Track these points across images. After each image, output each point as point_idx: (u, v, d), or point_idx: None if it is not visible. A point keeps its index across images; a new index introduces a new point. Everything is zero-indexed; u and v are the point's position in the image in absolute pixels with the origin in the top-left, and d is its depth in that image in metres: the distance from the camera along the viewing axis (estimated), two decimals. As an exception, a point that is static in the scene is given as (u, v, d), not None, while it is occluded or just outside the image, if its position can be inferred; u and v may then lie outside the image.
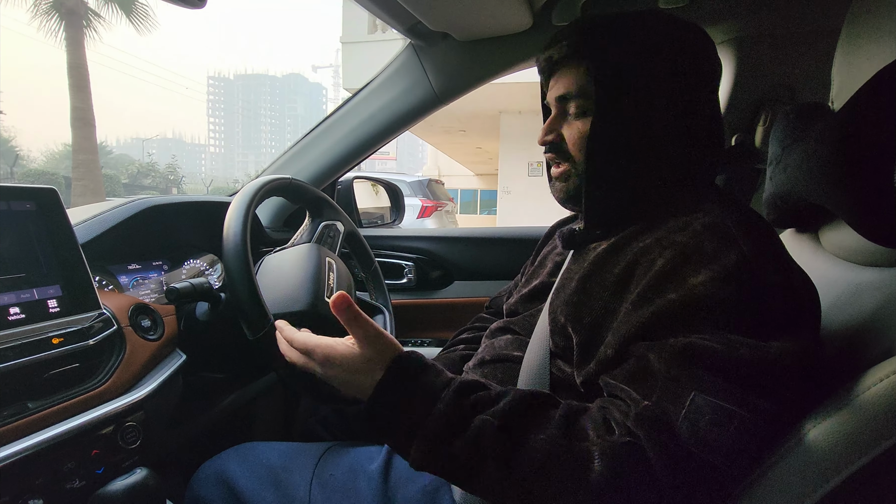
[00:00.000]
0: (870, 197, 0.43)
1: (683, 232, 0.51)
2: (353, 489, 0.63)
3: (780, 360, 0.42)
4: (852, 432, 0.38)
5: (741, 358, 0.43)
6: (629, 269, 0.53)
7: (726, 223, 0.49)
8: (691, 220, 0.52)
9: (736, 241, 0.48)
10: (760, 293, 0.45)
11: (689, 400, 0.43)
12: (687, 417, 0.42)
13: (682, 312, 0.46)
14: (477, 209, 19.73)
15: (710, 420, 0.42)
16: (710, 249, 0.48)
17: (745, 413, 0.42)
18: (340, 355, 0.51)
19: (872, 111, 0.42)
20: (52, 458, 0.52)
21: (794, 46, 0.96)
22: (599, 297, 0.55)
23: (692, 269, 0.48)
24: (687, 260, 0.48)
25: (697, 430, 0.42)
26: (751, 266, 0.46)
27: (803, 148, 0.52)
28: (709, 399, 0.42)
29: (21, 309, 0.53)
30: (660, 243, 0.52)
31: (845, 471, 0.38)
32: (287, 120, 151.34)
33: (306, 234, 0.92)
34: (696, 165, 0.59)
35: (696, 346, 0.44)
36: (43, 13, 11.25)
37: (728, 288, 0.45)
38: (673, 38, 0.57)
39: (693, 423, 0.42)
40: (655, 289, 0.49)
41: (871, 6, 0.50)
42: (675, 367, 0.45)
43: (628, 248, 0.55)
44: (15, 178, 17.60)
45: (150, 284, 0.90)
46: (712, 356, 0.43)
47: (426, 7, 0.92)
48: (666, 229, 0.53)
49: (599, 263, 0.57)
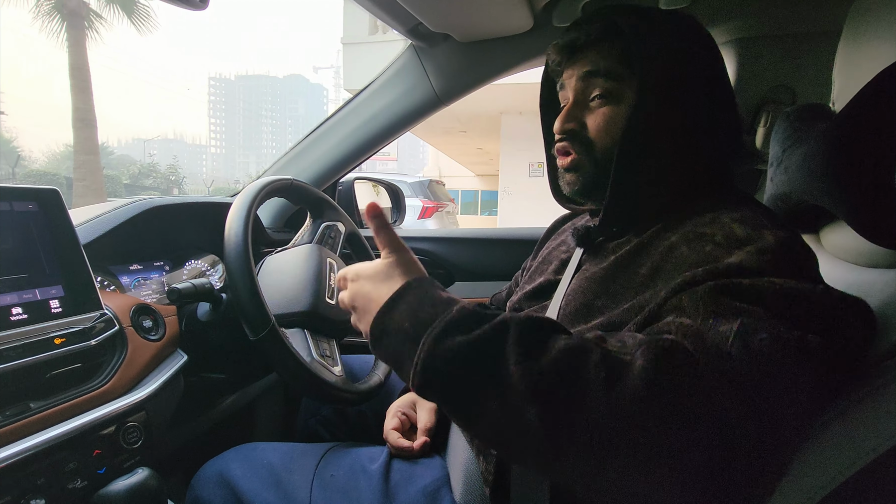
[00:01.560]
0: (871, 198, 0.43)
1: (712, 225, 0.49)
2: (353, 489, 0.63)
3: (827, 295, 0.40)
4: (859, 431, 0.38)
5: (786, 290, 0.39)
6: (657, 267, 0.50)
7: (757, 216, 0.48)
8: (718, 216, 0.49)
9: (769, 227, 0.46)
10: (799, 261, 0.44)
11: (737, 323, 0.37)
12: (739, 336, 0.37)
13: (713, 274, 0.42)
14: (478, 210, 19.72)
15: (766, 338, 0.36)
16: (744, 235, 0.46)
17: (798, 339, 0.37)
18: (369, 267, 0.50)
19: (873, 112, 0.42)
20: (53, 458, 0.52)
21: (795, 47, 0.96)
22: (625, 298, 0.51)
23: (725, 252, 0.45)
24: (719, 245, 0.46)
25: (749, 346, 0.36)
26: (788, 246, 0.44)
27: (804, 149, 0.52)
28: (760, 322, 0.37)
29: (23, 309, 0.53)
30: (686, 237, 0.49)
31: (852, 468, 0.38)
32: (288, 121, 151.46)
33: (307, 235, 0.92)
34: (716, 165, 0.59)
35: (736, 283, 0.40)
36: (45, 14, 11.28)
37: (765, 257, 0.42)
38: (699, 32, 0.58)
39: (745, 341, 0.36)
40: (685, 269, 0.46)
41: (872, 7, 0.50)
42: (713, 303, 0.39)
43: (654, 247, 0.52)
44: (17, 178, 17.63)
45: (152, 285, 0.90)
46: (755, 289, 0.39)
47: (427, 8, 0.92)
48: (692, 224, 0.50)
49: (624, 264, 0.54)
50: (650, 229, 0.55)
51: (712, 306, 0.39)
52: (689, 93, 0.55)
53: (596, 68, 0.57)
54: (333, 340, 0.80)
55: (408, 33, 1.04)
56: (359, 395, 0.75)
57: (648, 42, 0.54)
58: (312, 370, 0.68)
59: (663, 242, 0.52)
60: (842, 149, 0.45)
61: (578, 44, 0.59)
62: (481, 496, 0.58)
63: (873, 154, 0.42)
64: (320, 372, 0.69)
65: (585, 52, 0.59)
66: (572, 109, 0.60)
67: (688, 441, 0.33)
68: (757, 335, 0.37)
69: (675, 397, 0.34)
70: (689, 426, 0.33)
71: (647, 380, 0.34)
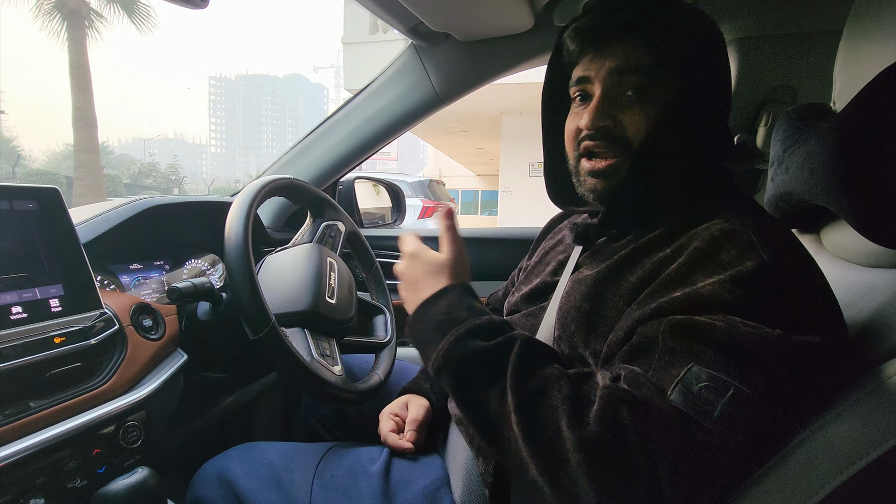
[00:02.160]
0: (872, 198, 0.43)
1: (701, 238, 0.48)
2: (354, 489, 0.63)
3: (782, 344, 0.41)
4: (859, 430, 0.38)
5: (741, 334, 0.41)
6: (646, 279, 0.50)
7: (747, 231, 0.47)
8: (710, 227, 0.49)
9: (756, 249, 0.45)
10: (772, 296, 0.44)
11: (685, 369, 0.41)
12: (681, 382, 0.41)
13: (685, 304, 0.45)
14: (478, 210, 19.73)
15: (705, 387, 0.40)
16: (727, 258, 0.46)
17: (741, 386, 0.40)
18: (429, 255, 0.58)
19: (874, 112, 0.42)
20: (53, 457, 0.52)
21: (796, 47, 0.96)
22: (614, 307, 0.52)
23: (704, 275, 0.46)
24: (701, 266, 0.46)
25: (689, 392, 0.40)
26: (768, 273, 0.44)
27: (805, 148, 0.52)
28: (705, 369, 0.41)
29: (23, 308, 0.53)
30: (677, 252, 0.49)
31: (852, 467, 0.37)
32: (288, 120, 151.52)
33: (307, 234, 0.92)
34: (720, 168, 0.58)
35: (696, 322, 0.43)
36: (45, 13, 11.28)
37: (738, 290, 0.43)
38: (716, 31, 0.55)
39: (686, 388, 0.41)
40: (663, 290, 0.47)
41: (873, 7, 0.50)
42: (672, 340, 0.43)
43: (647, 257, 0.52)
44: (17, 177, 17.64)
45: (152, 284, 0.90)
46: (711, 330, 0.42)
47: (428, 8, 0.92)
48: (687, 237, 0.50)
49: (616, 269, 0.54)
50: (648, 235, 0.54)
51: (671, 342, 0.43)
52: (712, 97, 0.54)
53: (630, 63, 0.53)
54: (333, 340, 0.80)
55: (408, 32, 1.04)
56: (359, 394, 0.75)
57: (685, 40, 0.52)
58: (312, 370, 0.68)
59: (658, 254, 0.51)
60: (843, 148, 0.44)
61: (607, 31, 0.54)
62: (481, 496, 0.58)
63: (874, 153, 0.42)
64: (320, 371, 0.69)
65: (617, 42, 0.54)
66: (604, 105, 0.54)
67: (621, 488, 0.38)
68: (698, 383, 0.41)
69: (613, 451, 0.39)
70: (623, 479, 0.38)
71: (596, 429, 0.40)
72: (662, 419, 0.40)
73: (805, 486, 0.39)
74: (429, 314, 0.52)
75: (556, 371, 0.45)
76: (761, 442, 0.42)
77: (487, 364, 0.46)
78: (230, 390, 0.98)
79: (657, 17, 0.52)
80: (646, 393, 0.41)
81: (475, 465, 0.60)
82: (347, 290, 0.86)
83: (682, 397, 0.40)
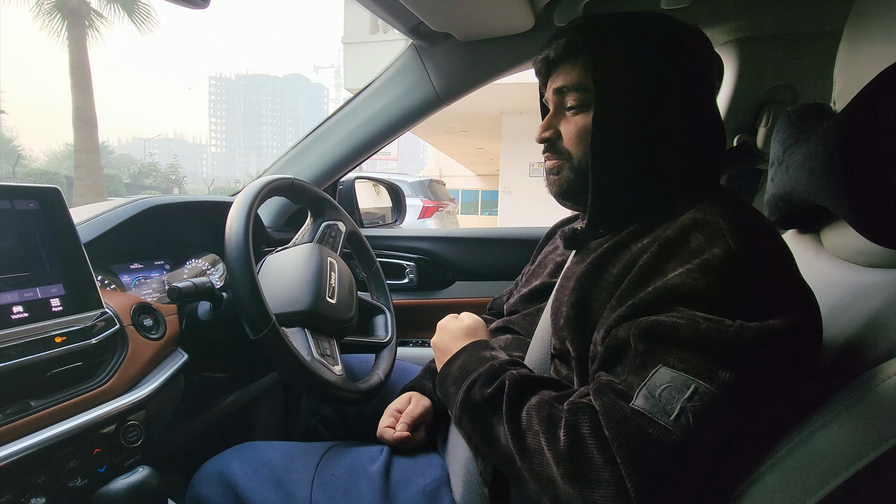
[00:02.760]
0: (872, 198, 0.43)
1: (672, 229, 0.51)
2: (354, 489, 0.64)
3: (742, 334, 0.42)
4: (858, 430, 0.38)
5: (702, 331, 0.43)
6: (626, 270, 0.53)
7: (717, 220, 0.49)
8: (683, 218, 0.52)
9: (723, 236, 0.47)
10: (736, 282, 0.45)
11: (653, 371, 0.44)
12: (646, 386, 0.44)
13: (655, 299, 0.47)
14: (478, 210, 19.72)
15: (666, 388, 0.42)
16: (696, 245, 0.48)
17: (703, 384, 0.42)
18: (452, 324, 0.70)
19: (874, 112, 0.42)
20: (54, 456, 0.52)
21: (796, 47, 0.96)
22: (598, 299, 0.54)
23: (675, 264, 0.48)
24: (671, 256, 0.49)
25: (651, 396, 0.43)
26: (734, 260, 0.46)
27: (805, 149, 0.52)
28: (670, 370, 0.43)
29: (24, 308, 0.53)
30: (650, 244, 0.52)
31: (851, 468, 0.37)
32: (288, 120, 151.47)
33: (308, 234, 0.92)
34: (695, 165, 0.58)
35: (660, 322, 0.45)
36: (45, 13, 11.28)
37: (704, 279, 0.46)
38: (670, 37, 0.57)
39: (650, 391, 0.43)
40: (637, 284, 0.50)
41: (873, 7, 0.50)
42: (642, 343, 0.46)
43: (627, 249, 0.55)
44: (17, 177, 17.65)
45: (152, 284, 0.90)
46: (675, 329, 0.44)
47: (428, 7, 0.92)
48: (661, 229, 0.53)
49: (598, 263, 0.57)
50: (627, 229, 0.57)
51: (641, 346, 0.46)
52: (645, 100, 0.56)
53: (566, 83, 0.61)
54: (334, 340, 0.80)
55: (409, 32, 1.04)
56: (359, 394, 0.75)
57: (607, 54, 0.56)
58: (313, 369, 0.68)
59: (637, 245, 0.54)
60: (843, 148, 0.44)
61: (551, 58, 0.63)
62: (481, 496, 0.59)
63: (874, 154, 0.42)
64: (321, 371, 0.69)
65: (559, 67, 0.62)
66: (550, 119, 0.64)
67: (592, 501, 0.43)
68: (661, 384, 0.43)
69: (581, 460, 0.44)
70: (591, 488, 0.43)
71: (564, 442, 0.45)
72: (619, 422, 0.43)
73: (803, 487, 0.39)
74: (448, 373, 0.62)
75: (537, 399, 0.51)
76: (740, 440, 0.42)
77: (490, 408, 0.54)
78: (230, 390, 0.98)
79: (591, 40, 0.58)
80: (606, 401, 0.45)
81: (475, 465, 0.60)
82: (348, 290, 0.86)
83: (643, 400, 0.43)
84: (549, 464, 0.46)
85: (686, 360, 0.43)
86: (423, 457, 0.70)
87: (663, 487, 0.41)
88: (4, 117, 38.18)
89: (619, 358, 0.48)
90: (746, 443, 0.43)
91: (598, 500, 0.42)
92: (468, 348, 0.63)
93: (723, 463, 0.43)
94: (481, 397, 0.55)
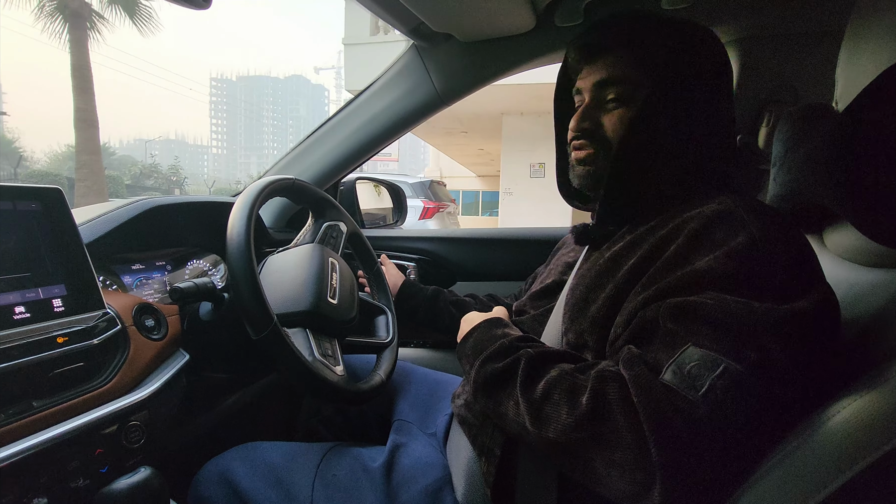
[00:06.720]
0: (874, 197, 0.43)
1: (696, 220, 0.52)
2: (356, 489, 0.64)
3: (771, 315, 0.43)
4: (861, 429, 0.38)
5: (731, 311, 0.44)
6: (646, 259, 0.54)
7: (738, 210, 0.50)
8: (704, 210, 0.52)
9: (746, 225, 0.48)
10: (761, 267, 0.46)
11: (682, 350, 0.44)
12: (675, 362, 0.44)
13: (683, 283, 0.48)
14: (479, 210, 19.71)
15: (696, 365, 0.43)
16: (720, 236, 0.49)
17: (731, 362, 0.42)
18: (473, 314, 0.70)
19: (876, 112, 0.42)
20: (56, 456, 0.52)
21: (798, 47, 0.96)
22: (613, 288, 0.55)
23: (701, 254, 0.49)
24: (699, 245, 0.50)
25: (680, 371, 0.43)
26: (758, 247, 0.47)
27: (807, 149, 0.52)
28: (699, 349, 0.44)
29: (26, 308, 0.53)
30: (675, 232, 0.53)
31: (855, 467, 0.37)
32: (289, 121, 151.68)
33: (309, 235, 0.92)
34: (714, 163, 0.60)
35: (690, 302, 0.46)
36: (47, 15, 11.30)
37: (730, 263, 0.46)
38: (704, 39, 0.60)
39: (679, 367, 0.44)
40: (664, 270, 0.51)
41: (875, 7, 0.50)
42: (671, 322, 0.46)
43: (645, 241, 0.55)
44: (18, 178, 17.67)
45: (154, 284, 0.90)
46: (704, 309, 0.45)
47: (429, 8, 0.92)
48: (682, 219, 0.53)
49: (615, 259, 0.57)
50: (645, 226, 0.57)
51: (670, 324, 0.47)
52: (693, 98, 0.58)
53: (611, 75, 0.61)
54: (335, 340, 0.80)
55: (410, 33, 1.04)
56: (360, 394, 0.75)
57: (661, 50, 0.58)
58: (314, 370, 0.68)
59: (655, 236, 0.55)
60: (845, 148, 0.44)
61: (595, 48, 0.62)
62: (483, 496, 0.58)
63: (876, 153, 0.42)
64: (322, 371, 0.69)
65: (603, 56, 0.62)
66: (588, 110, 0.63)
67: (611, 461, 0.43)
68: (691, 362, 0.43)
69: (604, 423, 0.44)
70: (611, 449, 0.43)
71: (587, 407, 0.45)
72: (648, 392, 0.43)
73: (805, 487, 0.39)
74: (465, 349, 0.63)
75: (557, 372, 0.51)
76: (762, 421, 0.42)
77: (501, 381, 0.55)
78: (232, 390, 0.98)
79: (636, 33, 0.60)
80: (637, 371, 0.45)
81: (477, 465, 0.60)
82: (349, 291, 0.86)
83: (673, 375, 0.44)
84: (567, 433, 0.46)
85: (715, 339, 0.43)
86: (424, 457, 0.70)
87: (686, 457, 0.41)
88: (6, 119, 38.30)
89: (647, 337, 0.49)
90: (767, 425, 0.43)
91: (617, 461, 0.42)
92: (482, 325, 0.64)
93: (744, 442, 0.43)
94: (492, 371, 0.55)
